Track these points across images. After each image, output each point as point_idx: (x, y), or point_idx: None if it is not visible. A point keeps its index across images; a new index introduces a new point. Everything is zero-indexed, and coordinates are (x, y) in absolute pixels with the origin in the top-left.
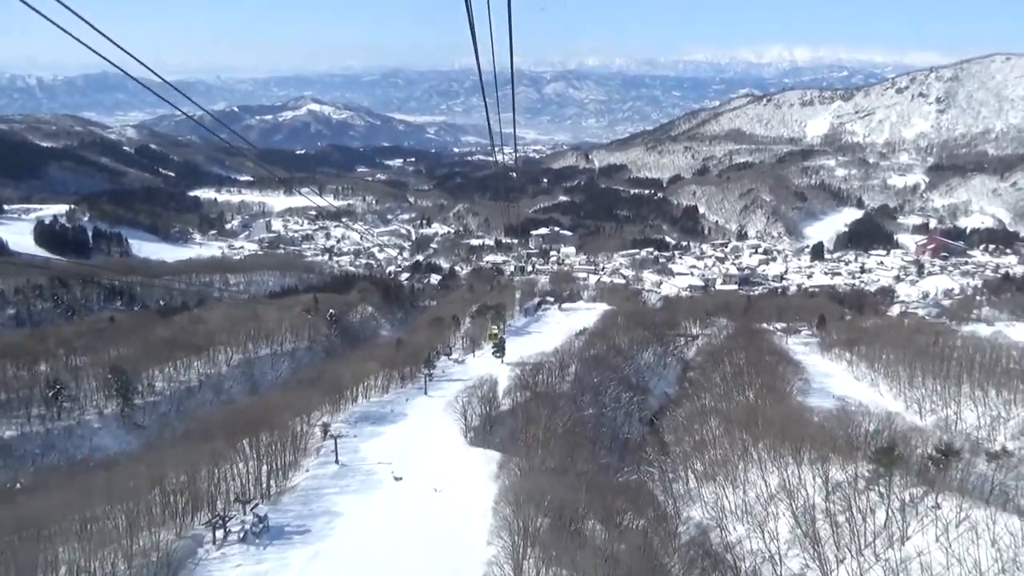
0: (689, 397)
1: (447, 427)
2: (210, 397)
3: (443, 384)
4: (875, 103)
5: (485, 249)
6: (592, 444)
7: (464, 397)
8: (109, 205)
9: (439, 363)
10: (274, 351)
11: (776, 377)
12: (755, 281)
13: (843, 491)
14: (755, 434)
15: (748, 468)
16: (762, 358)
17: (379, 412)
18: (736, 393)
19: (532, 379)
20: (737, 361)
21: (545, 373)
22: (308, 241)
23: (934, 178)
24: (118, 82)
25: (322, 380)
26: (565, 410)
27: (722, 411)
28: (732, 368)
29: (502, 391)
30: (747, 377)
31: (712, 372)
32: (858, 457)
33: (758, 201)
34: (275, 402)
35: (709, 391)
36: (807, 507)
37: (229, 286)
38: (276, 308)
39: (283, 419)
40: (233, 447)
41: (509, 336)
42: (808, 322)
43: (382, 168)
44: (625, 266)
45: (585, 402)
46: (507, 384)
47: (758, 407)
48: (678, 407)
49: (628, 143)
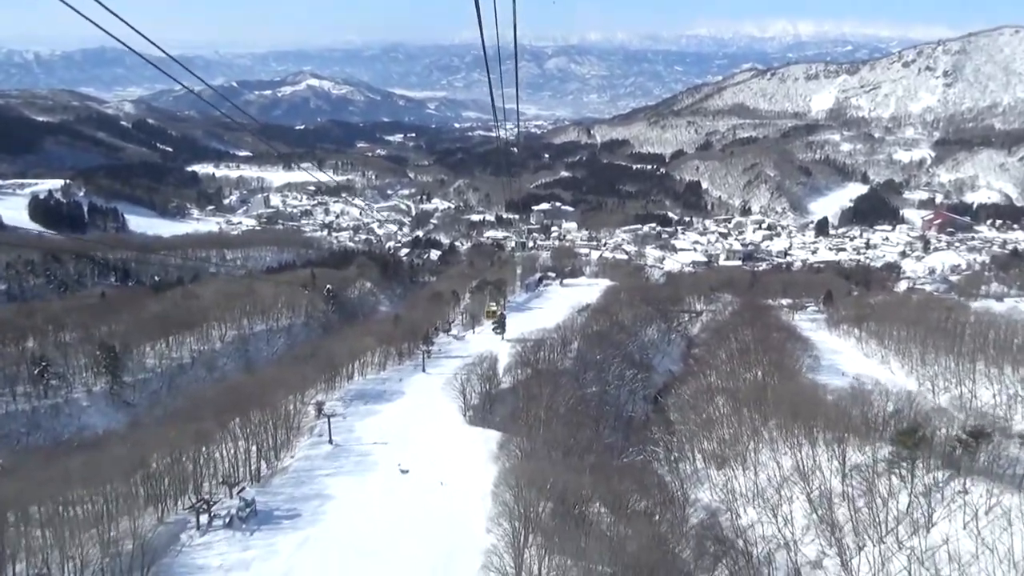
0: (695, 375)
1: (445, 406)
2: (203, 374)
3: (442, 361)
4: (881, 77)
5: (486, 224)
6: (595, 423)
7: (463, 375)
8: (105, 180)
9: (438, 340)
10: (270, 327)
11: (784, 354)
12: (759, 257)
13: (862, 474)
14: (765, 413)
15: (759, 449)
16: (769, 334)
17: (375, 390)
18: (743, 370)
19: (533, 356)
20: (743, 338)
21: (547, 350)
22: (307, 216)
23: (940, 153)
24: (116, 57)
25: (317, 357)
26: (567, 388)
27: (730, 389)
28: (738, 345)
29: (502, 368)
30: (754, 354)
31: (718, 349)
32: (876, 438)
33: (762, 176)
34: (268, 379)
35: (715, 368)
36: (824, 491)
37: (226, 261)
38: (272, 284)
39: (276, 397)
40: (222, 427)
41: (510, 312)
42: (814, 298)
43: (382, 143)
44: (627, 242)
45: (588, 379)
46: (507, 361)
47: (767, 385)
48: (683, 385)
49: (630, 118)
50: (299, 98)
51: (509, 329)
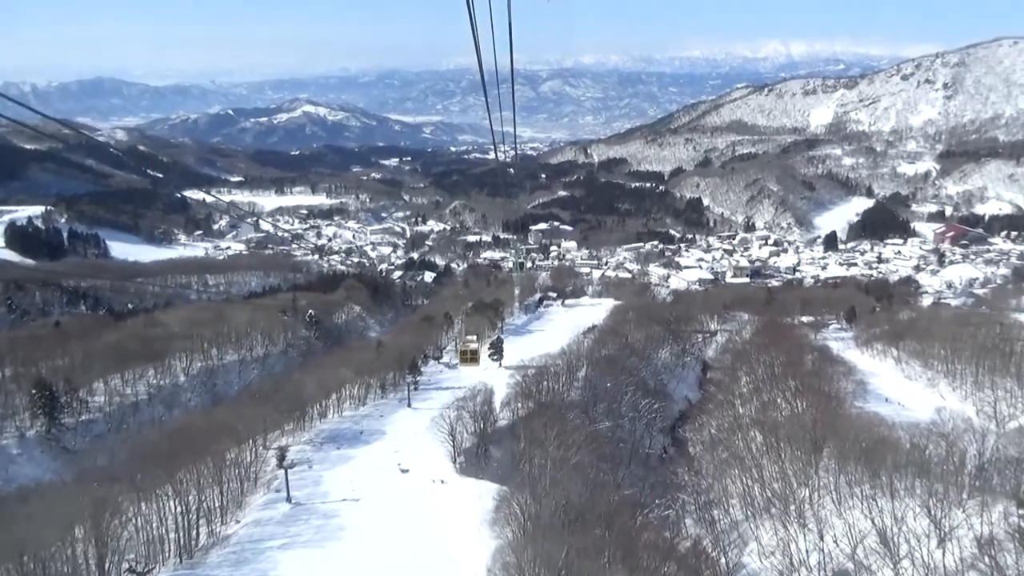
0: (717, 403)
1: (432, 450)
2: (160, 413)
3: (431, 394)
4: (880, 90)
5: (482, 245)
6: (611, 467)
7: (453, 411)
8: (89, 206)
9: (427, 369)
10: (242, 357)
11: (822, 379)
12: (767, 274)
13: (978, 544)
14: (814, 452)
15: (816, 500)
16: (800, 356)
17: (351, 430)
18: (775, 398)
19: (535, 387)
20: (769, 360)
21: (550, 379)
22: (298, 240)
23: (946, 165)
24: (113, 87)
25: (288, 391)
26: (576, 425)
27: (764, 422)
28: (764, 368)
29: (499, 402)
30: (785, 379)
31: (739, 373)
32: (980, 492)
33: (765, 191)
34: (227, 420)
35: (739, 395)
36: (918, 563)
37: (208, 287)
38: (250, 309)
39: (233, 441)
40: (160, 481)
41: (508, 336)
42: (835, 315)
43: (378, 168)
44: (629, 260)
45: (599, 413)
46: (506, 393)
47: (812, 417)
48: (704, 415)
49: (627, 137)
50: (295, 125)
51: (507, 355)
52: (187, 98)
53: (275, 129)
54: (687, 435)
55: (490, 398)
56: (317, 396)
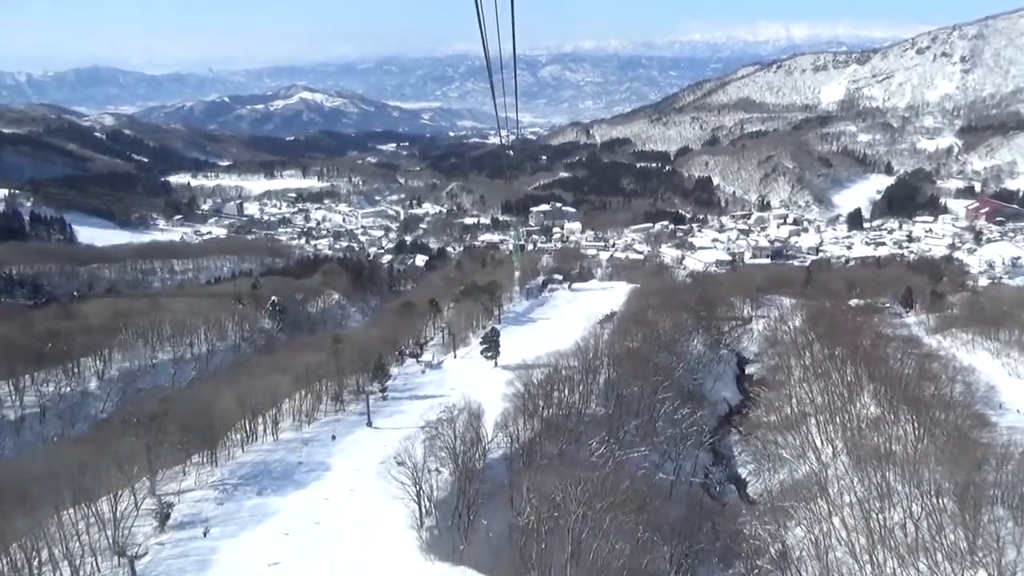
0: (769, 408)
1: (387, 509)
2: (55, 429)
3: (402, 405)
4: (894, 65)
5: (480, 228)
6: (654, 524)
7: (423, 445)
8: (59, 189)
9: (402, 370)
10: (179, 355)
11: (923, 382)
12: (789, 254)
13: None
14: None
15: None
16: (878, 350)
17: (283, 464)
18: (853, 404)
19: (543, 398)
20: (837, 356)
21: (562, 386)
22: (285, 224)
23: (969, 140)
24: (109, 76)
25: (200, 407)
26: (600, 454)
27: (854, 446)
28: (833, 367)
29: (492, 423)
30: (867, 381)
31: (793, 370)
32: None
33: (780, 168)
34: (98, 450)
35: (798, 400)
36: None
37: (175, 273)
38: (203, 298)
39: (100, 483)
40: None
41: (508, 325)
42: (889, 297)
43: (374, 152)
44: (639, 241)
45: (630, 434)
46: (502, 409)
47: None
48: (760, 428)
49: (631, 117)
50: (292, 111)
51: (504, 351)
52: (184, 86)
53: (271, 116)
54: (736, 454)
55: (479, 419)
56: (240, 413)
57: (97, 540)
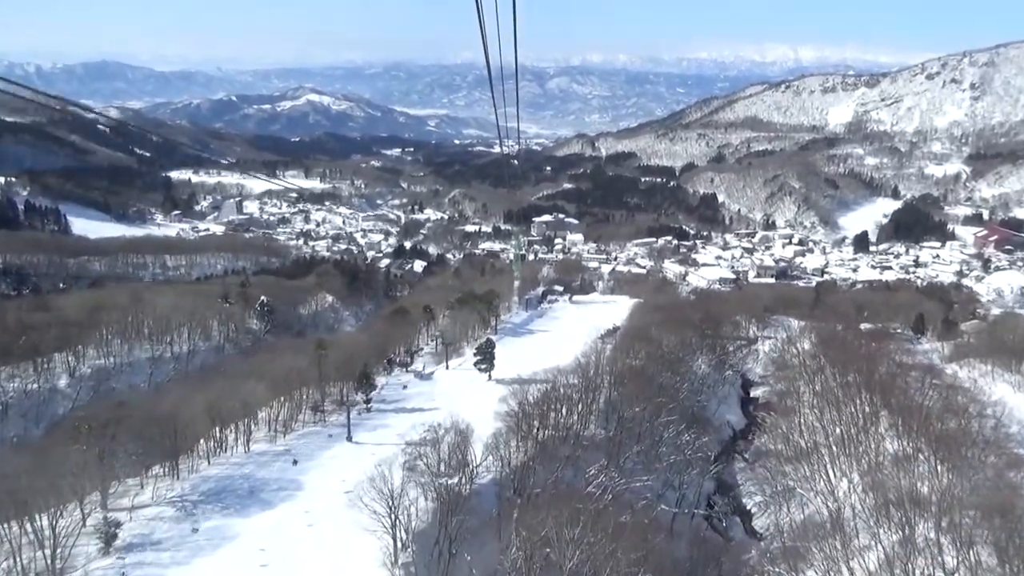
0: (775, 435)
1: (358, 541)
2: (18, 429)
3: (387, 418)
4: (903, 90)
5: (481, 236)
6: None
7: (401, 471)
8: (56, 180)
9: (390, 379)
10: (158, 353)
11: (940, 412)
12: (793, 275)
13: None
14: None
15: None
16: (895, 380)
17: (250, 481)
18: (869, 436)
19: (538, 418)
20: (845, 381)
21: (560, 405)
22: (284, 224)
23: (978, 167)
24: (118, 70)
25: (181, 411)
26: (599, 486)
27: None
28: (838, 390)
29: (482, 444)
30: (885, 412)
31: (803, 395)
32: None
33: (786, 188)
34: (46, 458)
35: (809, 429)
36: None
37: (167, 268)
38: (183, 293)
39: (43, 496)
40: None
41: (505, 336)
42: (900, 322)
43: (379, 157)
44: (641, 255)
45: (632, 460)
46: (494, 429)
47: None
48: (763, 455)
49: (637, 131)
50: (298, 113)
51: (500, 363)
52: (192, 84)
53: (278, 116)
54: (740, 483)
55: (465, 441)
56: (210, 421)
57: (32, 561)
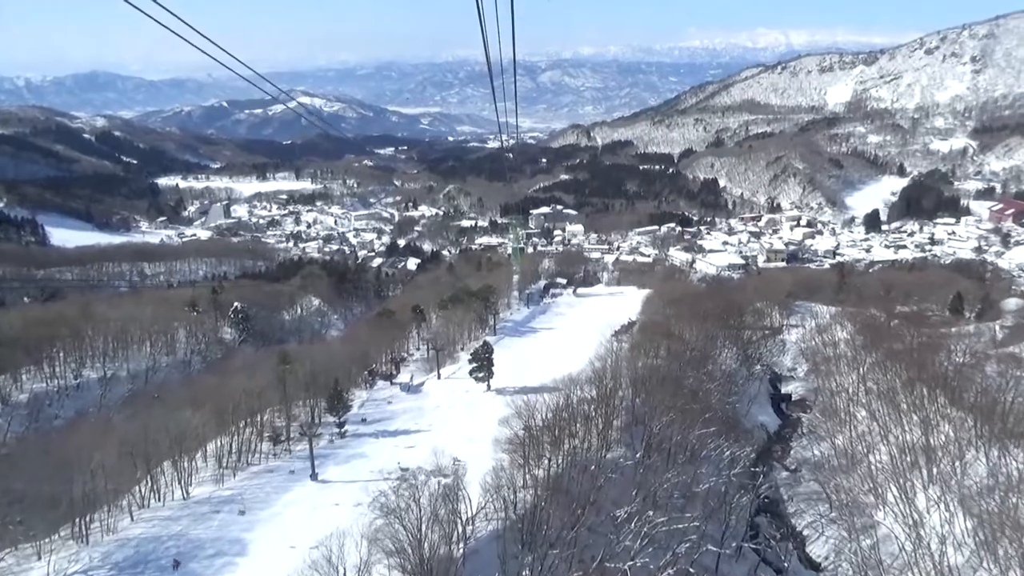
0: (816, 437)
1: None
2: None
3: (364, 444)
4: (902, 66)
5: (478, 231)
6: None
7: (367, 541)
8: (34, 190)
9: (372, 394)
10: (111, 372)
11: None
12: (805, 258)
13: None
14: None
15: None
16: (962, 372)
17: (180, 543)
18: (942, 441)
19: (550, 443)
20: (904, 375)
21: (575, 424)
22: (274, 227)
23: (985, 140)
24: (108, 81)
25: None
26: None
27: None
28: (891, 385)
29: (478, 488)
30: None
31: (846, 390)
32: None
33: (789, 170)
34: None
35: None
36: None
37: (145, 276)
38: (156, 303)
39: None
40: None
41: (505, 336)
42: (935, 303)
43: (372, 156)
44: (645, 244)
45: (666, 488)
46: (493, 461)
47: None
48: (811, 466)
49: (632, 119)
50: (290, 116)
51: (500, 369)
52: (183, 91)
53: (270, 120)
54: (784, 497)
55: (457, 486)
56: (134, 462)
57: None
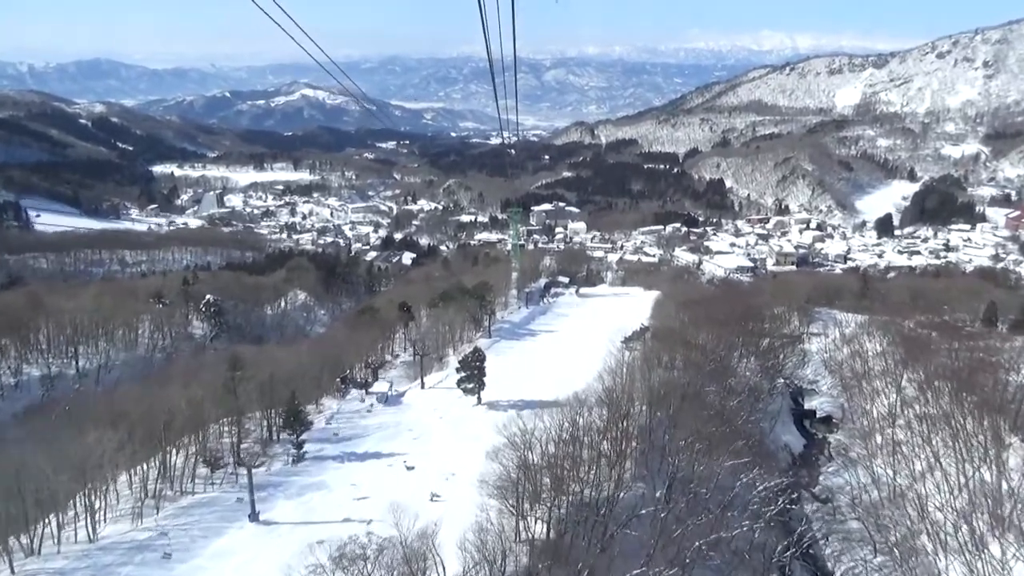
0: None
1: None
2: None
3: (327, 471)
4: (913, 70)
5: (477, 226)
6: None
7: None
8: (21, 173)
9: (344, 405)
10: (56, 370)
11: None
12: (815, 261)
13: None
14: None
15: None
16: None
17: None
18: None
19: (552, 484)
20: (956, 395)
21: (579, 450)
22: (269, 217)
23: (998, 146)
24: (111, 69)
25: None
26: None
27: None
28: (951, 412)
29: (456, 547)
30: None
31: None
32: None
33: (798, 171)
34: None
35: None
36: None
37: (127, 264)
38: (118, 294)
39: None
40: None
41: (501, 339)
42: (965, 312)
43: (373, 149)
44: (649, 244)
45: (693, 532)
46: (479, 508)
47: None
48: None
49: (637, 118)
50: (293, 108)
51: (494, 379)
52: (186, 81)
53: (272, 112)
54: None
55: (427, 548)
56: (21, 496)
57: None
